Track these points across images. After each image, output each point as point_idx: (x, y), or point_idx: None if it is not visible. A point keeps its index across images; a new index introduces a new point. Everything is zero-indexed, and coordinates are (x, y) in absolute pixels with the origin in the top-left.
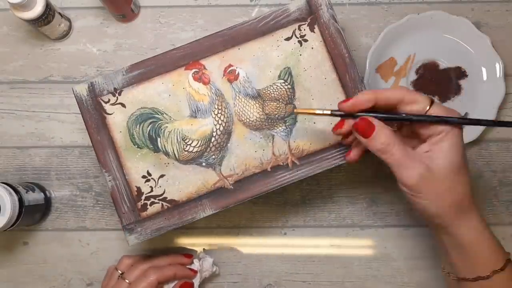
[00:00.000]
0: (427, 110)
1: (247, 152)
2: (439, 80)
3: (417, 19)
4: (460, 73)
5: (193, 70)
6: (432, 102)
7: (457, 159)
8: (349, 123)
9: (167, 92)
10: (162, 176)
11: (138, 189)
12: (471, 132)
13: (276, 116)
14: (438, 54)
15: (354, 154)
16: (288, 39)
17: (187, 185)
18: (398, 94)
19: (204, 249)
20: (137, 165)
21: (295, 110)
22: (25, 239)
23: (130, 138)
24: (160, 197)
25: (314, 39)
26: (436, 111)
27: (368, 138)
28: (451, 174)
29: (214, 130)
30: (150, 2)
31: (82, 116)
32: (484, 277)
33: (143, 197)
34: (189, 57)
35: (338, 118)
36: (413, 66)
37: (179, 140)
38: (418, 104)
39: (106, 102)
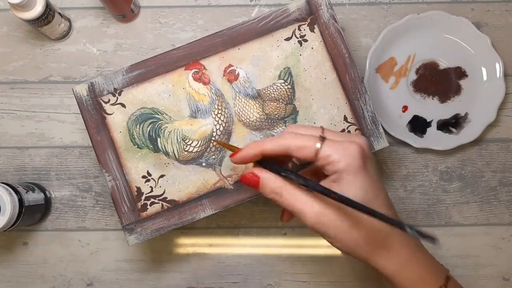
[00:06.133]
0: (319, 149)
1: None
2: (439, 80)
3: (417, 19)
4: (460, 73)
5: (193, 70)
6: (323, 140)
7: (360, 195)
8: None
9: (167, 92)
10: (162, 176)
11: (138, 189)
12: (471, 132)
13: (276, 116)
14: (438, 54)
15: (285, 217)
16: (288, 39)
17: (187, 185)
18: (283, 145)
19: None
20: (137, 165)
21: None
22: (25, 239)
23: (130, 138)
24: (160, 197)
25: (314, 39)
26: (327, 149)
27: (258, 189)
28: (351, 212)
29: (214, 130)
30: (150, 2)
31: (82, 116)
32: None
33: (143, 197)
34: (189, 57)
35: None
36: (413, 66)
37: (179, 140)
38: (306, 149)
39: (106, 102)
